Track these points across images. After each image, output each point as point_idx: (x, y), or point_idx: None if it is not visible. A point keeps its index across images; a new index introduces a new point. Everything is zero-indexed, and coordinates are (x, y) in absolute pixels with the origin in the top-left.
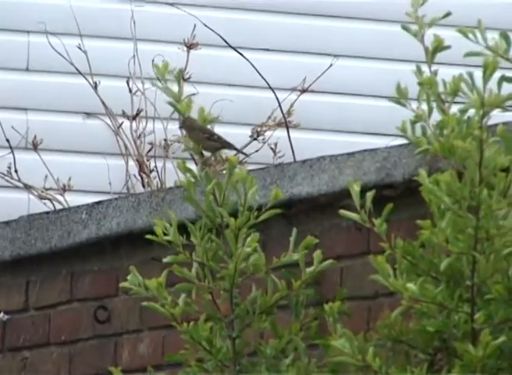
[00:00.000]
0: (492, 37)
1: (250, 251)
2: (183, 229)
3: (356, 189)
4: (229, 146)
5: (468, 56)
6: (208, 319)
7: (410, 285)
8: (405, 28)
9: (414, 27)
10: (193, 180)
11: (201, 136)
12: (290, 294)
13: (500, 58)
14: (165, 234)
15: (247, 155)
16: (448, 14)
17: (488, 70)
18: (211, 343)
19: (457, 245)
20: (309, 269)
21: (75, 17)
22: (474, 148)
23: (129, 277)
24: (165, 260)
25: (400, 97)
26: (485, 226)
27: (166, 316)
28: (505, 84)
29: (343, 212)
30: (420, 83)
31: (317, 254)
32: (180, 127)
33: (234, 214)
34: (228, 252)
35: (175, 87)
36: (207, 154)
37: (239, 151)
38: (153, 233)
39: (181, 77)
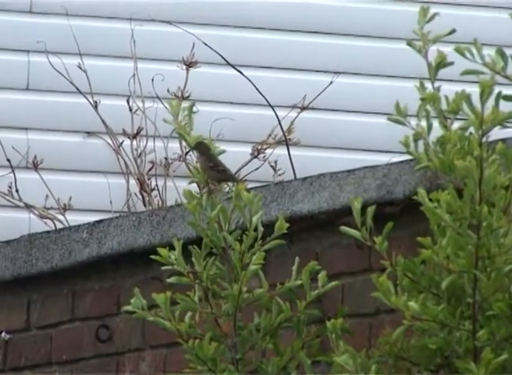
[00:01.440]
0: (491, 53)
1: (255, 269)
2: (184, 247)
3: (357, 206)
4: (232, 179)
5: (465, 74)
6: (212, 339)
7: (412, 303)
8: (410, 44)
9: (418, 44)
10: (197, 205)
11: (207, 164)
12: (295, 315)
13: (498, 75)
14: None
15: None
16: (452, 31)
17: (484, 91)
18: (215, 363)
19: (458, 263)
20: (314, 292)
21: (74, 36)
22: (474, 166)
23: (132, 301)
24: (169, 280)
25: (399, 115)
26: (485, 244)
27: (172, 332)
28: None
29: (345, 228)
30: (422, 99)
31: (322, 276)
32: (192, 149)
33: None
34: (231, 276)
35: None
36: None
37: (238, 181)
38: (154, 252)
39: (191, 107)
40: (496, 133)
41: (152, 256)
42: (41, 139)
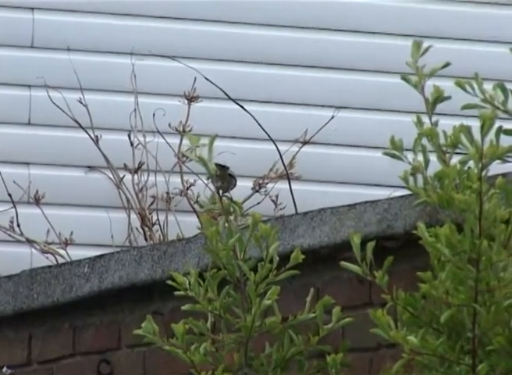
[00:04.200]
0: (490, 87)
1: (269, 303)
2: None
3: (356, 241)
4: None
5: (466, 109)
6: (224, 370)
7: (411, 338)
8: (405, 79)
9: (414, 78)
10: (215, 232)
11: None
12: (307, 349)
13: (498, 110)
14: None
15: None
16: (447, 64)
17: (485, 124)
18: None
19: (458, 297)
20: (327, 326)
21: (75, 71)
22: (474, 199)
23: (143, 325)
24: (183, 308)
25: (395, 149)
26: (485, 277)
27: (173, 367)
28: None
29: (344, 263)
30: (420, 134)
31: (336, 311)
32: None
33: (252, 268)
34: (244, 306)
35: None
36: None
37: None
38: (155, 286)
39: (213, 139)
40: (494, 168)
41: (169, 282)
42: (43, 174)
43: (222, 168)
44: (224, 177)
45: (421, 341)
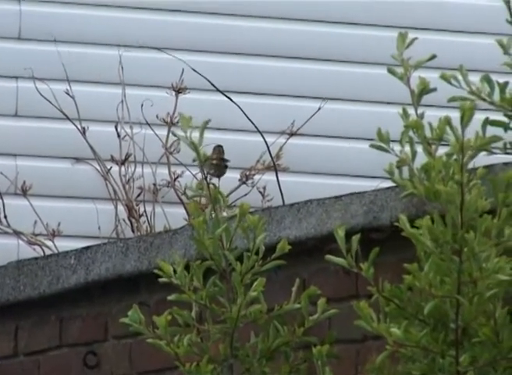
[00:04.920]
0: (476, 79)
1: (255, 295)
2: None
3: (341, 234)
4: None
5: (452, 101)
6: (208, 362)
7: (394, 330)
8: (391, 71)
9: (400, 70)
10: (203, 222)
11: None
12: (293, 340)
13: (484, 101)
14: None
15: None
16: (433, 57)
17: (465, 115)
18: None
19: (442, 289)
20: (313, 317)
21: (62, 62)
22: (456, 191)
23: (129, 313)
24: (169, 298)
25: (382, 142)
26: (468, 269)
27: (159, 359)
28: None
29: (329, 257)
30: (406, 127)
31: (321, 302)
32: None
33: (238, 258)
34: (230, 296)
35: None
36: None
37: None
38: (141, 278)
39: (205, 124)
40: (485, 161)
41: (155, 271)
42: (30, 165)
43: (222, 160)
44: (219, 167)
45: (404, 333)
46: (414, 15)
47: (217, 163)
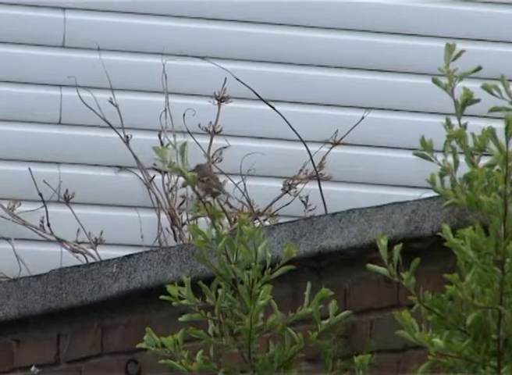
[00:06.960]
0: None
1: (264, 303)
2: (207, 284)
3: (383, 243)
4: (218, 188)
5: (493, 111)
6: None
7: (436, 340)
8: (436, 82)
9: (444, 81)
10: (204, 240)
11: (199, 180)
12: (308, 346)
13: None
14: (181, 298)
15: (229, 196)
16: (479, 68)
17: (510, 126)
18: None
19: (483, 299)
20: (325, 322)
21: (106, 71)
22: (499, 201)
23: (145, 338)
24: (180, 319)
25: (425, 150)
26: (510, 279)
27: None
28: None
29: (370, 266)
30: (449, 136)
31: (332, 305)
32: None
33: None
34: (244, 308)
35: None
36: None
37: (226, 194)
38: (182, 286)
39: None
40: None
41: (162, 297)
42: (73, 173)
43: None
44: (209, 190)
45: (446, 343)
46: (456, 25)
47: (208, 179)
